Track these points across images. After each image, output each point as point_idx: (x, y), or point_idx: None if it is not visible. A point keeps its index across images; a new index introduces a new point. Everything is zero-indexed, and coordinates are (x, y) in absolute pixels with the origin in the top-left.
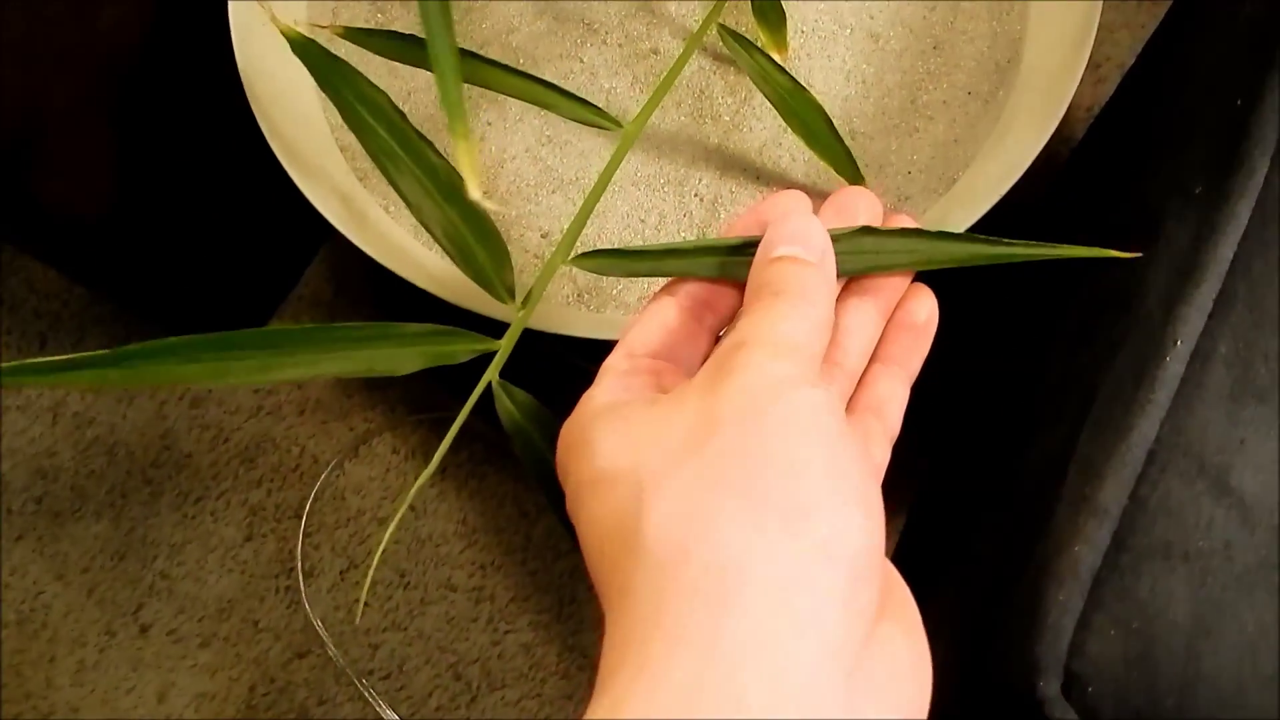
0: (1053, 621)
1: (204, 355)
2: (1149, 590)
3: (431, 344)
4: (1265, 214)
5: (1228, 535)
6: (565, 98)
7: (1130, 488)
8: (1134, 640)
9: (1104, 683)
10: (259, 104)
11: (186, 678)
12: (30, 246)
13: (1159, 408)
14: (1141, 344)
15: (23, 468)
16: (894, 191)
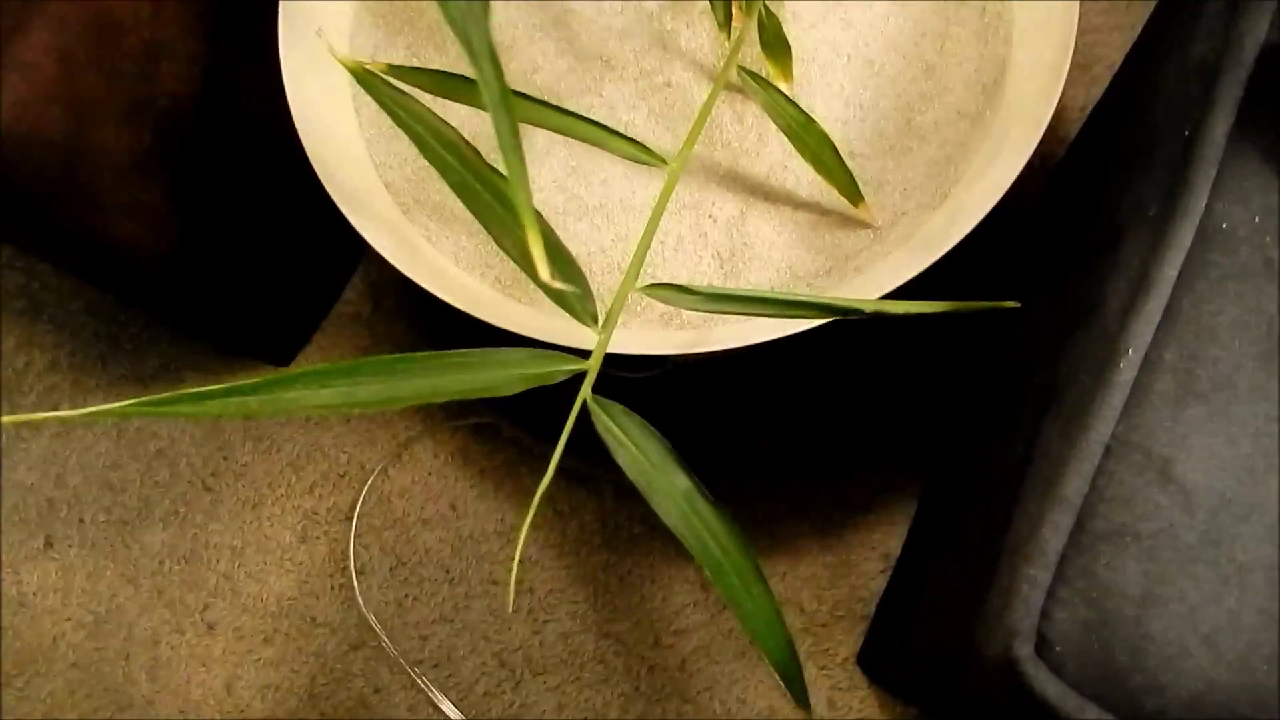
0: (1025, 594)
1: (334, 383)
2: (1105, 567)
3: (530, 367)
4: (1207, 236)
5: (1172, 519)
6: (615, 136)
7: (1089, 480)
8: (1093, 609)
9: (1068, 644)
10: (312, 147)
11: (252, 671)
12: (94, 278)
13: (1113, 409)
14: (1099, 352)
15: (93, 481)
16: (891, 207)
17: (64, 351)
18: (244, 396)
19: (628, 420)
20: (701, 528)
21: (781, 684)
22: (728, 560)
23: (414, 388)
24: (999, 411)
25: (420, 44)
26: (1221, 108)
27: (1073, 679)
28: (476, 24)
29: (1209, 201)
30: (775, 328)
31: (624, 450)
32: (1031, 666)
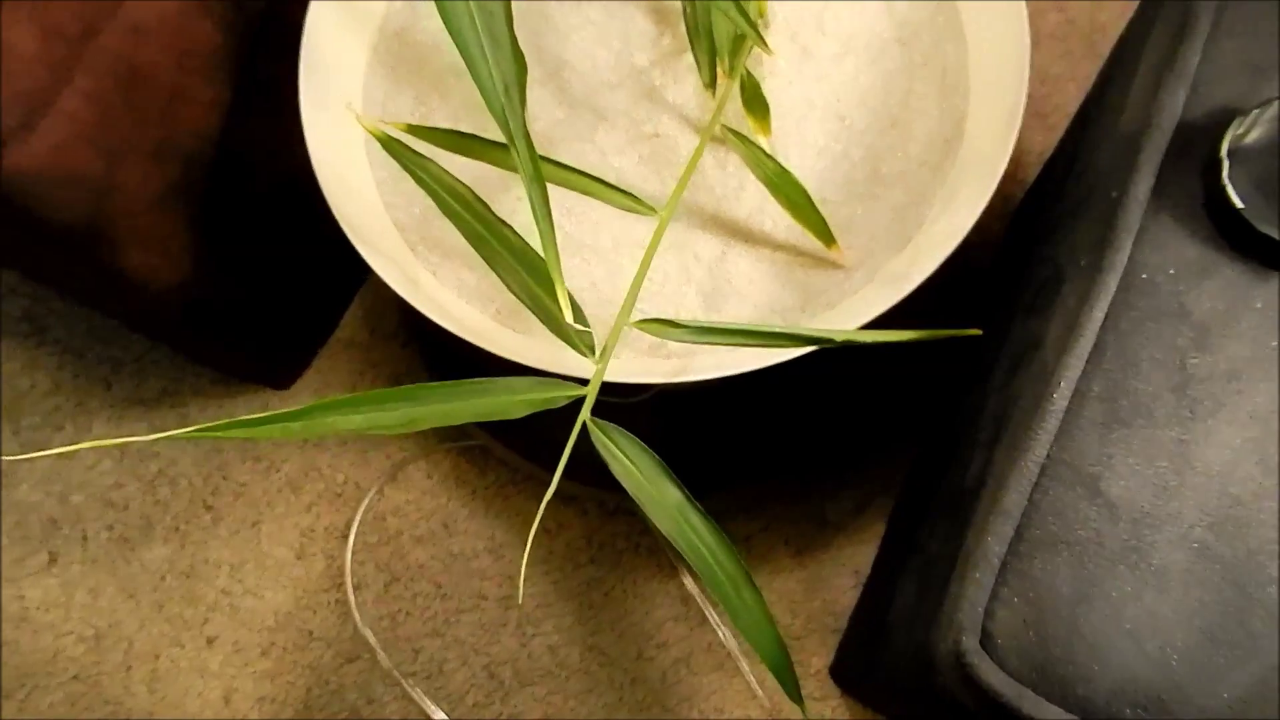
0: (971, 595)
1: (364, 409)
2: (1041, 570)
3: (535, 393)
4: (1129, 284)
5: (1098, 527)
6: (610, 189)
7: (1027, 494)
8: (1030, 607)
9: (1009, 638)
10: (328, 188)
11: (249, 683)
12: (104, 305)
13: (1048, 433)
14: (1037, 384)
15: (95, 499)
16: (860, 248)
17: (67, 374)
18: (289, 422)
19: (623, 439)
20: (693, 536)
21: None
22: (718, 565)
23: (433, 412)
24: (957, 439)
25: (426, 92)
26: (1144, 172)
27: (1013, 669)
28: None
29: (1131, 253)
30: (754, 358)
31: (620, 466)
32: (977, 658)
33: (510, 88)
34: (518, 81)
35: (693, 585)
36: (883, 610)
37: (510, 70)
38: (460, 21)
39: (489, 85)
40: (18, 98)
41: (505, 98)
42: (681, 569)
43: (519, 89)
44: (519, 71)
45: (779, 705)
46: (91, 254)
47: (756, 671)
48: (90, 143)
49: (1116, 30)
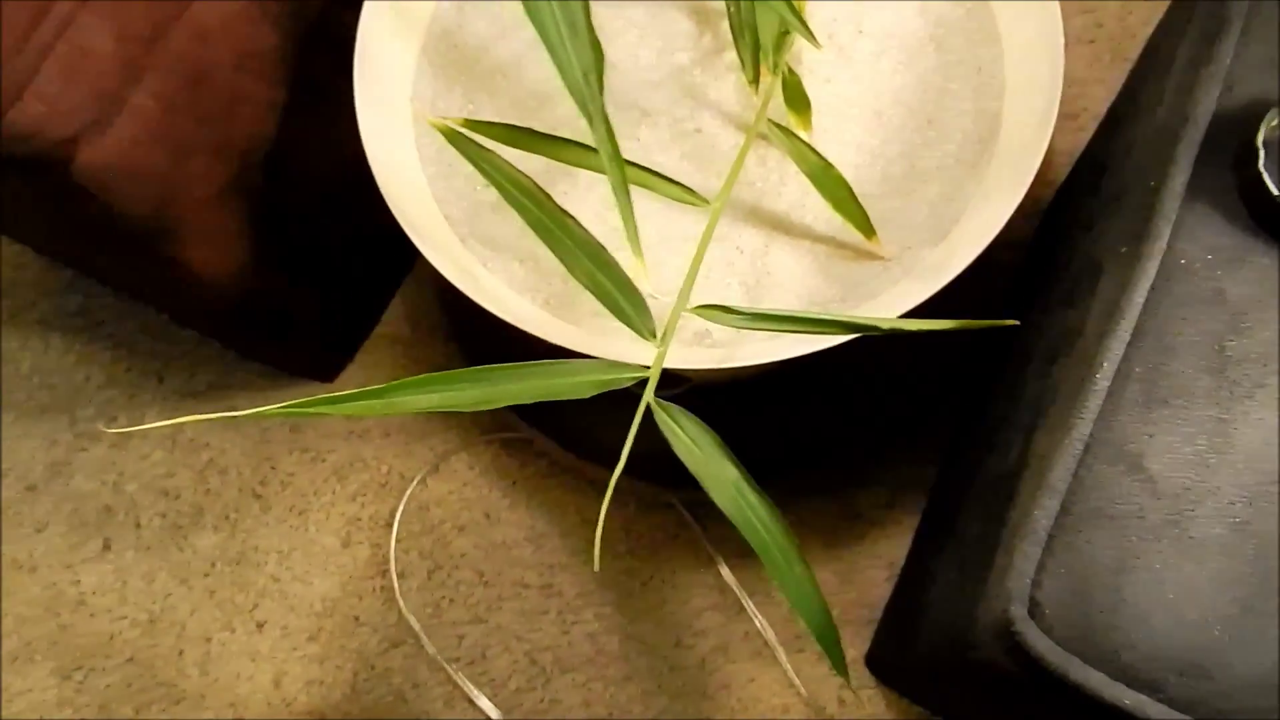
0: (1019, 566)
1: (439, 388)
2: (1086, 543)
3: (601, 374)
4: (1167, 270)
5: (1140, 502)
6: (665, 180)
7: (1072, 470)
8: (1076, 578)
9: (1055, 608)
10: (384, 184)
11: (298, 667)
12: (158, 299)
13: (1091, 413)
14: (1081, 367)
15: (148, 488)
16: (897, 242)
17: (120, 368)
18: (371, 399)
19: (685, 419)
20: (750, 512)
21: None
22: (773, 540)
23: (504, 391)
24: (994, 427)
25: (475, 90)
26: (1180, 164)
27: (1059, 637)
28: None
29: (1169, 241)
30: (796, 345)
31: (682, 444)
32: (1025, 627)
33: (589, 74)
34: (595, 68)
35: (730, 575)
36: (920, 597)
37: (588, 58)
38: (542, 14)
39: (570, 71)
40: (94, 96)
41: (585, 83)
42: (719, 559)
43: (597, 75)
44: (596, 59)
45: (816, 694)
46: (156, 248)
47: (794, 661)
48: (158, 140)
49: (1144, 34)
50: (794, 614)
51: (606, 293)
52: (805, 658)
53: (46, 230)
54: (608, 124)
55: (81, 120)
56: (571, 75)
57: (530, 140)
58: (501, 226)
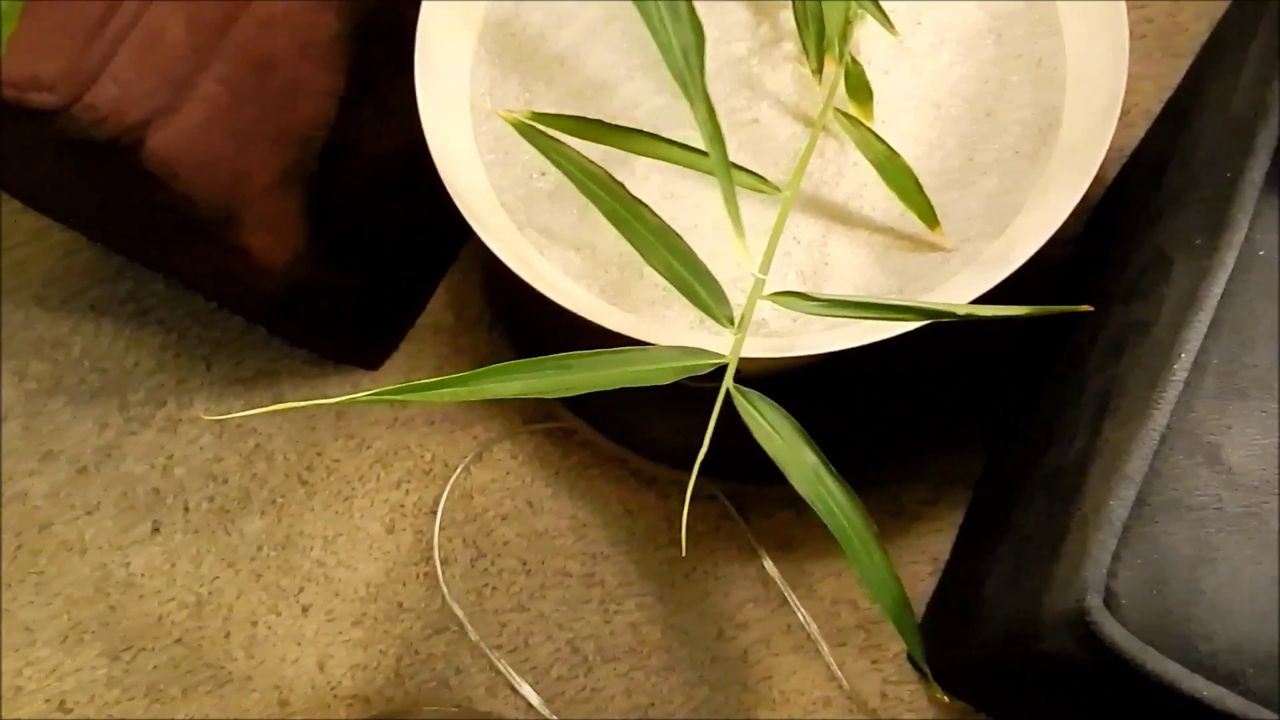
0: (1095, 556)
1: (520, 376)
2: (1163, 533)
3: (679, 360)
4: (1246, 262)
5: (1218, 493)
6: (737, 169)
7: (1149, 461)
8: (1152, 568)
9: (1132, 598)
10: (445, 172)
11: (342, 651)
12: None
13: (1169, 403)
14: (1155, 359)
15: (197, 472)
16: (956, 234)
17: (169, 354)
18: (456, 386)
19: (764, 405)
20: (828, 497)
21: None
22: (851, 526)
23: (584, 379)
24: (1051, 421)
25: (531, 79)
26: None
27: (1135, 627)
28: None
29: (1247, 232)
30: (857, 335)
31: (762, 430)
32: (1100, 616)
33: (690, 54)
34: (697, 49)
35: (773, 568)
36: (972, 591)
37: (689, 39)
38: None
39: (671, 52)
40: (166, 82)
41: (685, 64)
42: (762, 552)
43: (698, 56)
44: (698, 40)
45: (858, 687)
46: (217, 234)
47: (837, 655)
48: (224, 127)
49: (1195, 30)
50: (836, 608)
51: (683, 280)
52: (847, 651)
53: (104, 216)
54: (709, 104)
55: (153, 104)
56: (673, 56)
57: (597, 130)
58: (558, 215)
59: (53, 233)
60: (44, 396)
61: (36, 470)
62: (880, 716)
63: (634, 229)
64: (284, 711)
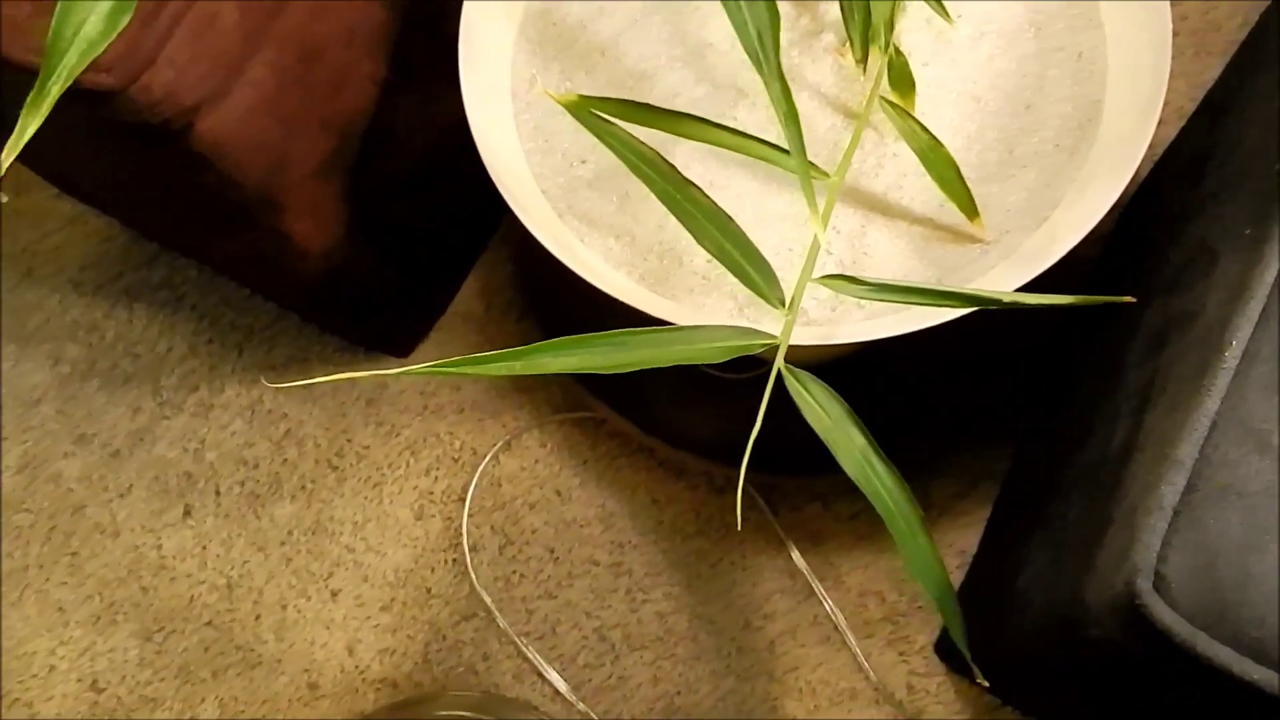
0: (1145, 540)
1: (574, 352)
2: (1213, 519)
3: (732, 339)
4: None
5: (1269, 481)
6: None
7: (1199, 447)
8: (1203, 553)
9: (1182, 583)
10: (488, 159)
11: (371, 635)
12: (245, 273)
13: (1219, 391)
14: (1203, 348)
15: (228, 457)
16: (995, 226)
17: (202, 340)
18: (511, 360)
19: (815, 386)
20: (876, 479)
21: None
22: (897, 508)
23: (639, 356)
24: (1088, 414)
25: (572, 68)
26: None
27: (1185, 611)
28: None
29: None
30: (896, 325)
31: (812, 411)
32: (1150, 599)
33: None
34: (772, 29)
35: (800, 560)
36: (1005, 585)
37: (764, 19)
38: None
39: (745, 31)
40: (218, 65)
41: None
42: (790, 544)
43: (773, 35)
44: (772, 21)
45: (885, 679)
46: (260, 219)
47: (864, 646)
48: (271, 112)
49: (1228, 29)
50: (864, 600)
51: (734, 261)
52: (874, 643)
53: (143, 201)
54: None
55: (206, 88)
56: (747, 35)
57: (646, 114)
58: (598, 203)
59: (88, 219)
60: (78, 380)
61: (70, 453)
62: (906, 708)
63: (685, 210)
64: (313, 695)
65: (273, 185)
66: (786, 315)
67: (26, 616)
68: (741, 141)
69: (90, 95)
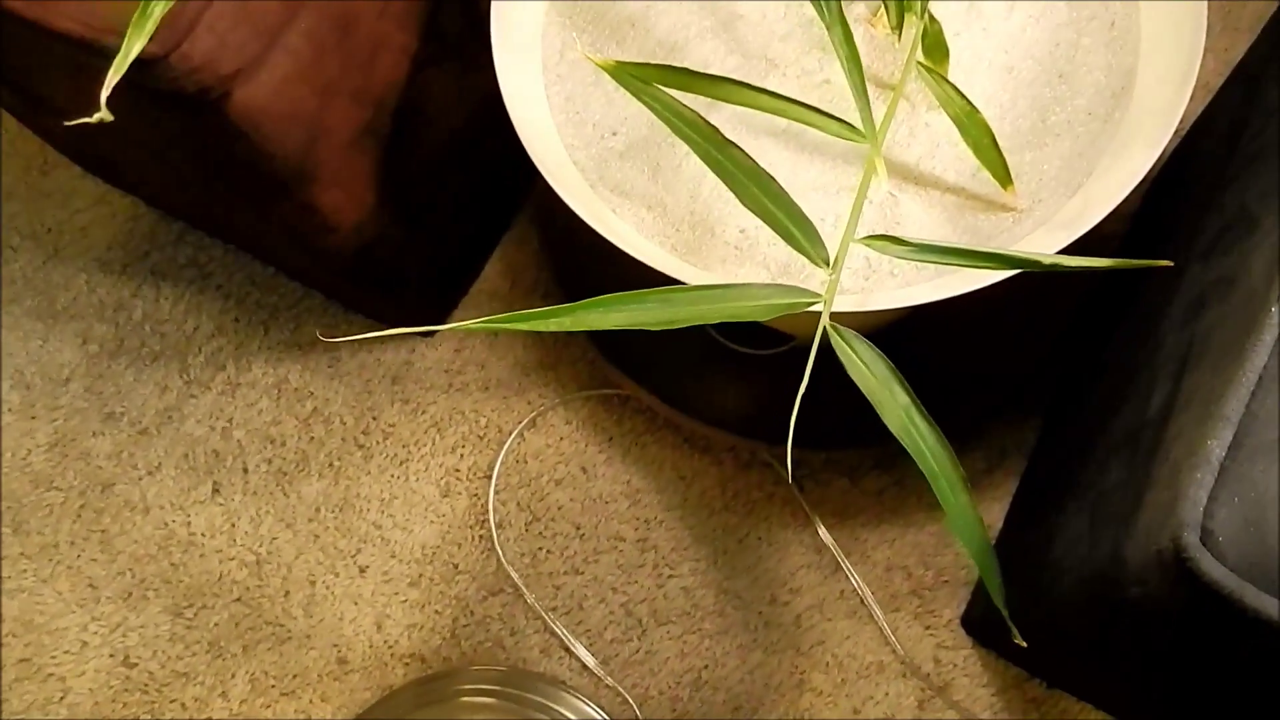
0: (1192, 494)
1: (624, 308)
2: (1260, 473)
3: (777, 298)
4: None
5: None
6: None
7: (1245, 402)
8: (1250, 508)
9: (1229, 536)
10: (521, 131)
11: (399, 611)
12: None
13: (1266, 347)
14: (1249, 308)
15: (255, 435)
16: (1029, 195)
17: (229, 318)
18: (560, 318)
19: (859, 344)
20: (918, 437)
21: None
22: (939, 466)
23: (687, 312)
24: (1124, 381)
25: (603, 40)
26: None
27: (1232, 564)
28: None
29: None
30: (930, 292)
31: (856, 369)
32: (1198, 552)
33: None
34: None
35: (826, 535)
36: (1036, 555)
37: None
38: None
39: None
40: (256, 34)
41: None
42: (816, 519)
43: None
44: None
45: (911, 652)
46: (293, 191)
47: (890, 620)
48: (306, 81)
49: (1255, 4)
50: (890, 574)
51: (778, 221)
52: (901, 617)
53: (174, 178)
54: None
55: (244, 56)
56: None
57: (684, 78)
58: (630, 174)
59: (114, 199)
60: (106, 359)
61: (99, 431)
62: (934, 681)
63: (727, 170)
64: (343, 669)
65: (306, 156)
66: (831, 274)
67: (59, 593)
68: (781, 104)
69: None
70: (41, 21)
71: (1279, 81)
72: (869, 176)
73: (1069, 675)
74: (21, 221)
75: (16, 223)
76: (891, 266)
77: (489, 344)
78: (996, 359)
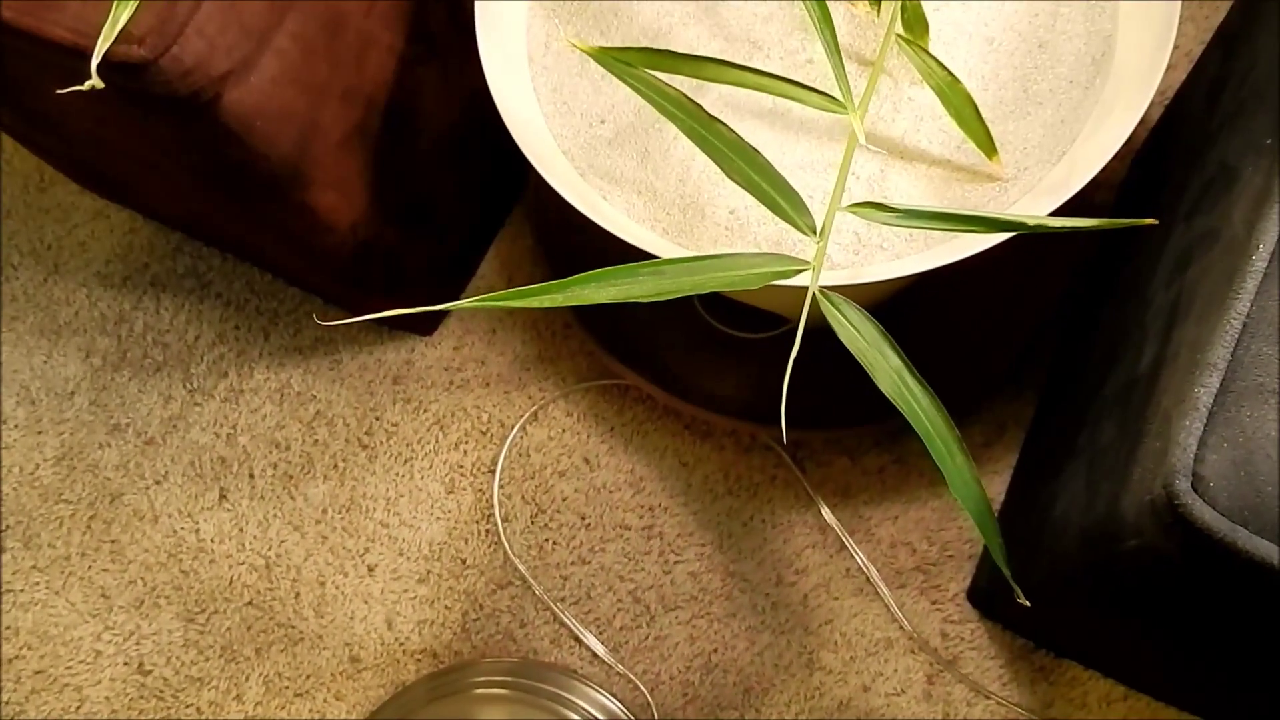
0: (1182, 441)
1: (617, 282)
2: (1248, 417)
3: (768, 266)
4: None
5: None
6: (806, 90)
7: (1231, 348)
8: (1239, 451)
9: (1219, 480)
10: (510, 122)
11: (409, 608)
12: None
13: (1249, 293)
14: (1231, 254)
15: (260, 440)
16: (1013, 164)
17: (230, 326)
18: (553, 293)
19: (848, 308)
20: (912, 399)
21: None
22: (934, 427)
23: (679, 283)
24: (1115, 342)
25: (586, 30)
26: None
27: (1224, 508)
28: None
29: None
30: (920, 262)
31: (846, 331)
32: (1189, 498)
33: None
34: None
35: (830, 514)
36: (1038, 518)
37: None
38: None
39: None
40: (246, 36)
41: None
42: (819, 500)
43: None
44: None
45: (919, 627)
46: (288, 192)
47: (897, 597)
48: (296, 83)
49: None
50: (894, 551)
51: (764, 192)
52: (907, 593)
53: (170, 187)
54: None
55: (234, 58)
56: None
57: (668, 60)
58: (619, 161)
59: (111, 212)
60: (110, 371)
61: (106, 443)
62: (942, 655)
63: (713, 146)
64: (355, 667)
65: (300, 157)
66: (819, 241)
67: (72, 604)
68: (762, 80)
69: (124, 68)
70: (35, 31)
71: (1254, 41)
72: (853, 144)
73: (1073, 640)
74: (21, 238)
75: (16, 240)
76: (881, 240)
77: (489, 341)
78: (992, 334)
